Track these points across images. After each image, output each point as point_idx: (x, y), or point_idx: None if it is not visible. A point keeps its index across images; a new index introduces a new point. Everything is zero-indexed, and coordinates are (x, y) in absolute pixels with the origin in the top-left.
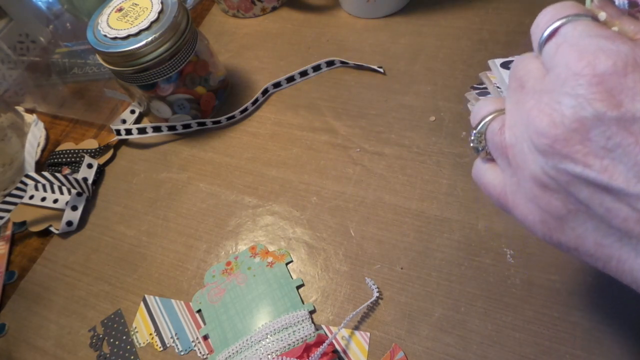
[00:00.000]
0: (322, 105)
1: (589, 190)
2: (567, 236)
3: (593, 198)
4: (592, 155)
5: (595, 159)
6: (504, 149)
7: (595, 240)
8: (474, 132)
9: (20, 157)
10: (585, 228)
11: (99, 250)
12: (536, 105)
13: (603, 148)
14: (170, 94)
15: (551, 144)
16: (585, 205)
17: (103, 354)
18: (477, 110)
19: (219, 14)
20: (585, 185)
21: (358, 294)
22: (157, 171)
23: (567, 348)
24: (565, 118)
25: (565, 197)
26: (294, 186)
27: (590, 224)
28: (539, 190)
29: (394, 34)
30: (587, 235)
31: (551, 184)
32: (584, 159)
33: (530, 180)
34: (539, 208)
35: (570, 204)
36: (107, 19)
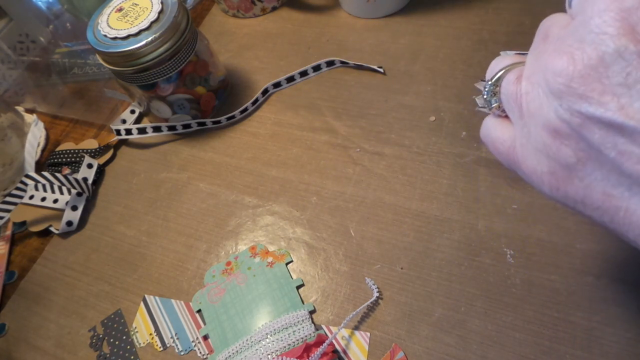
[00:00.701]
0: (322, 105)
1: (602, 132)
2: (575, 187)
3: (606, 141)
4: (609, 94)
5: (612, 97)
6: (518, 98)
7: (604, 191)
8: (488, 82)
9: (20, 157)
10: (594, 177)
11: (99, 250)
12: (557, 49)
13: (621, 85)
14: (170, 94)
15: (567, 83)
16: (597, 150)
17: (103, 354)
18: (494, 64)
19: (219, 14)
20: (598, 127)
21: (358, 294)
22: (157, 171)
23: (567, 348)
24: (585, 54)
25: (577, 143)
26: (294, 186)
27: (599, 173)
28: (550, 137)
29: (394, 34)
30: (595, 184)
31: (563, 128)
32: (600, 97)
33: (542, 128)
34: (548, 158)
35: (580, 150)
36: (107, 19)
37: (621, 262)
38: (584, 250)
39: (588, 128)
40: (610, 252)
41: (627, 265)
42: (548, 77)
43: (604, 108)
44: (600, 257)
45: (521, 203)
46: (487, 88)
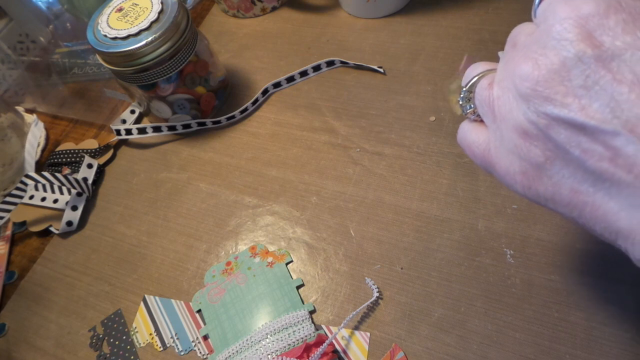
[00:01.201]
0: (322, 105)
1: (567, 132)
2: (545, 185)
3: (570, 140)
4: (571, 95)
5: (573, 98)
6: (490, 102)
7: (571, 187)
8: (463, 89)
9: (20, 157)
10: (562, 175)
11: (99, 250)
12: (524, 55)
13: (582, 87)
14: (170, 94)
15: (533, 87)
16: (563, 149)
17: (103, 354)
18: (469, 71)
19: (219, 14)
20: (563, 127)
21: (358, 294)
22: (157, 171)
23: (567, 348)
24: (547, 59)
25: (544, 143)
26: (294, 186)
27: (567, 171)
28: (520, 138)
29: (394, 34)
30: (563, 182)
31: (532, 129)
32: (563, 99)
33: (512, 130)
34: (520, 158)
35: (548, 150)
36: (107, 19)
37: (621, 262)
38: (584, 250)
39: (554, 129)
40: (610, 252)
41: (627, 265)
42: (516, 81)
43: (567, 109)
44: (600, 257)
45: (521, 203)
46: (462, 94)
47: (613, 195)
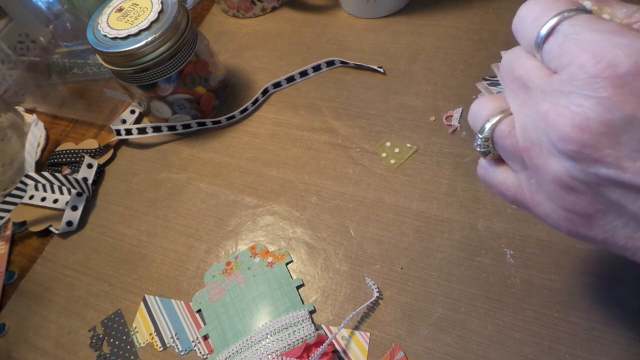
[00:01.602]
0: (322, 105)
1: (622, 191)
2: (596, 231)
3: (627, 198)
4: (625, 158)
5: (628, 161)
6: (517, 151)
7: (626, 235)
8: (479, 136)
9: (20, 157)
10: (615, 225)
11: (99, 250)
12: (553, 108)
13: (636, 151)
14: (170, 94)
15: (579, 150)
16: (617, 205)
17: (103, 354)
18: (476, 111)
19: (219, 14)
20: (617, 187)
21: (358, 294)
22: (157, 171)
23: (567, 348)
24: (591, 122)
25: (594, 198)
26: (294, 186)
27: (620, 221)
28: (564, 191)
29: (394, 34)
30: (617, 230)
31: (578, 186)
32: (617, 162)
33: (553, 183)
34: (564, 208)
35: (599, 204)
36: (107, 19)
37: (621, 262)
38: (584, 250)
39: (607, 187)
40: (610, 252)
41: (627, 265)
42: (555, 140)
43: (622, 171)
44: (600, 257)
45: None
46: (479, 142)
47: None
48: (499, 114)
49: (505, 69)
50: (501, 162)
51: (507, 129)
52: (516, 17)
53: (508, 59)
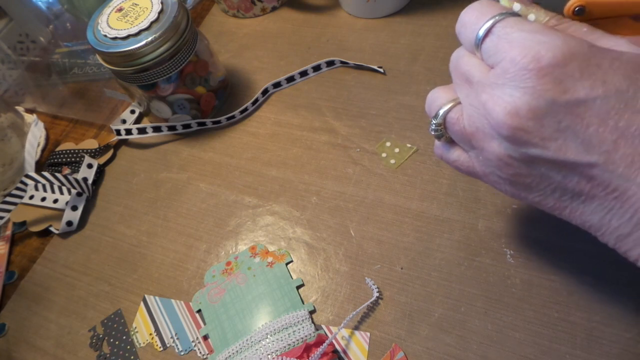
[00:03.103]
0: (322, 105)
1: (548, 165)
2: (532, 195)
3: (551, 170)
4: (547, 139)
5: (550, 141)
6: (466, 135)
7: (554, 198)
8: (433, 122)
9: (20, 157)
10: (545, 191)
11: (99, 250)
12: (490, 99)
13: (556, 131)
14: (170, 94)
15: (512, 134)
16: (546, 176)
17: (103, 354)
18: (431, 100)
19: (219, 14)
20: (544, 162)
21: (358, 294)
22: (157, 171)
23: (567, 348)
24: (519, 109)
25: (528, 171)
26: (294, 186)
27: (549, 188)
28: (505, 166)
29: (394, 34)
30: (547, 194)
31: (515, 162)
32: (542, 142)
33: (495, 159)
34: (507, 179)
35: (532, 176)
36: (107, 19)
37: (620, 262)
38: (583, 250)
39: (537, 163)
40: (610, 252)
41: (627, 265)
42: (493, 125)
43: (547, 150)
44: (600, 257)
45: (521, 203)
46: (433, 127)
47: (587, 204)
48: (450, 103)
49: (452, 66)
50: (454, 143)
51: (456, 116)
52: (458, 21)
53: (454, 57)
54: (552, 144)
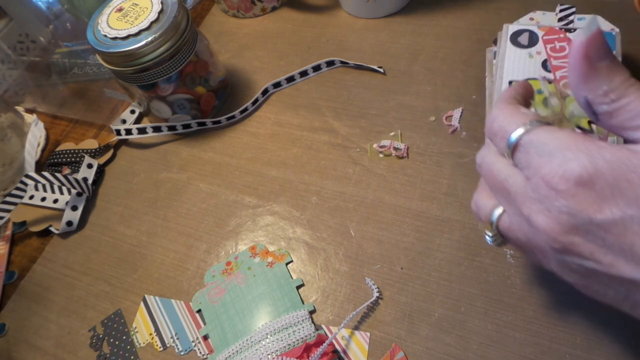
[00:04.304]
0: (322, 105)
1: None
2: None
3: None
4: (597, 253)
5: (600, 255)
6: (522, 244)
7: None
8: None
9: (20, 157)
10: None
11: (99, 250)
12: (532, 213)
13: (603, 247)
14: (170, 94)
15: (562, 247)
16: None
17: (103, 354)
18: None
19: (219, 14)
20: (602, 276)
21: (358, 294)
22: (157, 171)
23: (567, 348)
24: (563, 225)
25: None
26: (294, 186)
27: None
28: (566, 270)
29: (394, 34)
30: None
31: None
32: (593, 257)
33: (556, 264)
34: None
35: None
36: (107, 19)
37: None
38: None
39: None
40: None
41: None
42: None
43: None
44: None
45: None
46: (491, 237)
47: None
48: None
49: (485, 172)
50: None
51: (507, 225)
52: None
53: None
54: (603, 258)
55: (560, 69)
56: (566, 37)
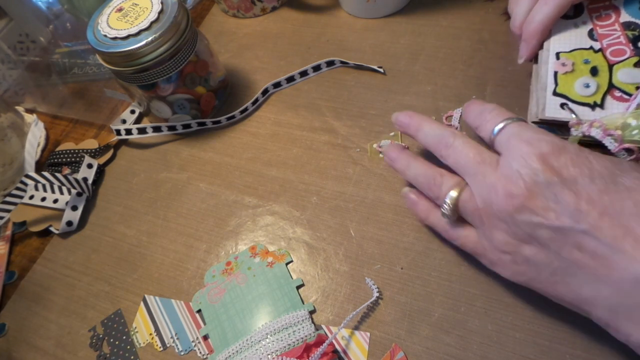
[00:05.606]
0: (322, 105)
1: (547, 232)
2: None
3: (550, 237)
4: (546, 208)
5: (548, 211)
6: (477, 211)
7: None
8: (446, 203)
9: (20, 157)
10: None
11: (99, 250)
12: (499, 182)
13: (553, 202)
14: (170, 94)
15: (520, 204)
16: (545, 245)
17: (103, 354)
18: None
19: (219, 14)
20: (545, 230)
21: (358, 294)
22: (157, 171)
23: (567, 348)
24: (527, 184)
25: (530, 242)
26: (294, 186)
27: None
28: (511, 239)
29: (394, 34)
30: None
31: (520, 233)
32: (542, 212)
33: (503, 233)
34: (511, 253)
35: (534, 247)
36: (107, 19)
37: None
38: None
39: (539, 231)
40: None
41: None
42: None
43: (545, 218)
44: None
45: None
46: (446, 208)
47: (579, 276)
48: (458, 186)
49: (457, 154)
50: (462, 222)
51: (468, 197)
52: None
53: (460, 144)
54: (551, 213)
55: (606, 37)
56: (612, 5)
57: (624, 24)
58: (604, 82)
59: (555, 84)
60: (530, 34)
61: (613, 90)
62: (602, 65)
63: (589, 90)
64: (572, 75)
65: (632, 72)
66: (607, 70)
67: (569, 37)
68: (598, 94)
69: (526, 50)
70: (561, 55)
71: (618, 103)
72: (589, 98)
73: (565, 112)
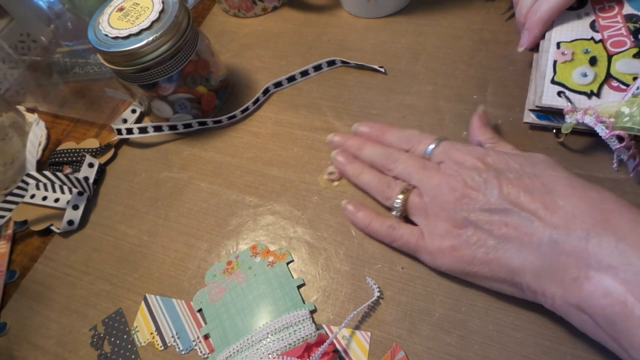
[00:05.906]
0: (323, 105)
1: (481, 214)
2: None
3: (483, 218)
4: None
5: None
6: (423, 207)
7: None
8: (396, 205)
9: (22, 156)
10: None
11: (100, 250)
12: (443, 180)
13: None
14: (171, 93)
15: (461, 193)
16: (479, 227)
17: (104, 353)
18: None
19: (220, 13)
20: (477, 212)
21: (359, 294)
22: (158, 170)
23: (567, 348)
24: (464, 179)
25: (466, 225)
26: (295, 186)
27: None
28: (452, 226)
29: (394, 34)
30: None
31: (459, 219)
32: (476, 196)
33: (445, 222)
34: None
35: (470, 230)
36: (108, 18)
37: None
38: None
39: (473, 214)
40: None
41: None
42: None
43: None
44: None
45: None
46: (397, 206)
47: (508, 247)
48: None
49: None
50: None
51: (417, 196)
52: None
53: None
54: (481, 196)
55: (608, 29)
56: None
57: (626, 16)
58: (602, 72)
59: (553, 73)
60: (534, 23)
61: (610, 80)
62: (601, 55)
63: (587, 79)
64: (570, 64)
65: (631, 63)
66: (606, 60)
67: (571, 27)
68: (595, 83)
69: (527, 39)
70: (562, 45)
71: (614, 92)
72: (586, 87)
73: (562, 100)
